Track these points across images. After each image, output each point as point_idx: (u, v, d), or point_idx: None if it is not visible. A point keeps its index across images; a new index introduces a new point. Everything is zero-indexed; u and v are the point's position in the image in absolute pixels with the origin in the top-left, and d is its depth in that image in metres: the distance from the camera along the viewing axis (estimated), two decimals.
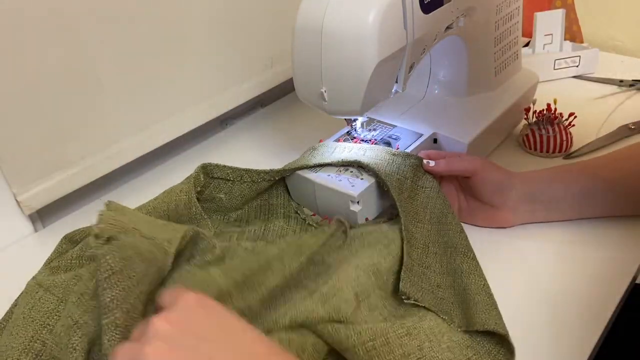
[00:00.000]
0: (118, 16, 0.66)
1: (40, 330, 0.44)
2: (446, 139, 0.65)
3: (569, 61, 0.91)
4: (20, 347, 0.44)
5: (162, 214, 0.56)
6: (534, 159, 0.73)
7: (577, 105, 0.74)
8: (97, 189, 0.75)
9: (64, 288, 0.47)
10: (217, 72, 0.81)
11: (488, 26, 0.70)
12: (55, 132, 0.65)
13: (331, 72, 0.54)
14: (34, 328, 0.45)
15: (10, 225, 0.66)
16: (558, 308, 0.52)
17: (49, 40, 0.60)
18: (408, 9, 0.52)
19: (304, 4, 0.54)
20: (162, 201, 0.57)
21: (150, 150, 0.76)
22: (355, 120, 0.66)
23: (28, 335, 0.44)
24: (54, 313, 0.45)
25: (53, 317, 0.45)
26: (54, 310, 0.46)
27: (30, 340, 0.44)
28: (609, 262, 0.56)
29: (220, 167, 0.61)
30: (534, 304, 0.52)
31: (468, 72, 0.70)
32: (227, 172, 0.60)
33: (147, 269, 0.43)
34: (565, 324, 0.50)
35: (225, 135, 0.87)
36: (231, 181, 0.61)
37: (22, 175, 0.64)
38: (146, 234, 0.46)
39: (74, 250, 0.52)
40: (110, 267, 0.41)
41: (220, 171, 0.60)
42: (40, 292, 0.48)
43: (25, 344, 0.44)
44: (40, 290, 0.48)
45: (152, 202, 0.57)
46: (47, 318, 0.45)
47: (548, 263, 0.57)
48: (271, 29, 0.85)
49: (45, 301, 0.46)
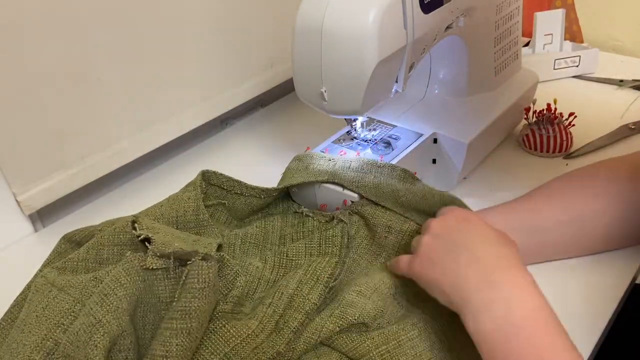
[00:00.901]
0: (118, 16, 0.66)
1: (54, 330, 0.45)
2: (446, 139, 0.65)
3: (569, 61, 0.91)
4: (32, 344, 0.44)
5: (171, 220, 0.56)
6: (533, 159, 0.73)
7: (577, 105, 0.74)
8: (97, 189, 0.75)
9: (81, 289, 0.47)
10: (217, 72, 0.81)
11: (488, 26, 0.70)
12: (55, 132, 0.65)
13: (331, 72, 0.54)
14: (48, 327, 0.45)
15: (10, 225, 0.66)
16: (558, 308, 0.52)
17: (49, 40, 0.60)
18: (408, 9, 0.52)
19: (304, 4, 0.54)
20: (170, 208, 0.57)
21: (150, 150, 0.76)
22: (355, 120, 0.66)
23: (41, 333, 0.45)
24: (69, 313, 0.46)
25: (68, 317, 0.46)
26: (69, 310, 0.46)
27: (43, 339, 0.44)
28: (609, 262, 0.56)
29: (217, 175, 0.61)
30: None
31: (468, 72, 0.70)
32: (222, 181, 0.61)
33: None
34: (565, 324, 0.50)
35: (225, 135, 0.87)
36: (226, 190, 0.61)
37: (22, 175, 0.64)
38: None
39: (79, 252, 0.53)
40: (208, 281, 0.45)
41: (217, 179, 0.61)
42: (54, 291, 0.48)
43: (38, 342, 0.44)
44: (54, 289, 0.48)
45: (159, 208, 0.57)
46: (62, 318, 0.46)
47: (548, 263, 0.57)
48: (271, 29, 0.85)
49: (60, 301, 0.47)
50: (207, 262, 0.46)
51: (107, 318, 0.43)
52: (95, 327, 0.42)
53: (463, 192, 0.68)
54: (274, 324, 0.47)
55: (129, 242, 0.52)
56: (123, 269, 0.46)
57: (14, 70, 0.59)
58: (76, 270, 0.52)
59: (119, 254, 0.52)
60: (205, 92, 0.80)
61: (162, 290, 0.47)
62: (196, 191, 0.58)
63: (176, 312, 0.44)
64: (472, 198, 0.67)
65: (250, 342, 0.46)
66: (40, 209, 0.68)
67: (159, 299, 0.48)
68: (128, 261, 0.47)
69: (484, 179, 0.70)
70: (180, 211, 0.57)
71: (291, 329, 0.47)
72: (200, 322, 0.44)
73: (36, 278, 0.52)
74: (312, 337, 0.47)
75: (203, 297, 0.44)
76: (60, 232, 0.57)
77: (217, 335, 0.46)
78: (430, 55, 0.71)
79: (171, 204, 0.58)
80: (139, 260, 0.47)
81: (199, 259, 0.46)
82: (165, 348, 0.42)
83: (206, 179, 0.61)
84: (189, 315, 0.43)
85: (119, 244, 0.52)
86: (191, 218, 0.57)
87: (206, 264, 0.45)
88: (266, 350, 0.46)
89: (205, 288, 0.45)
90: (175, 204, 0.57)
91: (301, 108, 0.88)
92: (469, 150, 0.64)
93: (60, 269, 0.52)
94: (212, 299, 0.46)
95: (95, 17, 0.63)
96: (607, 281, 0.54)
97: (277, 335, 0.47)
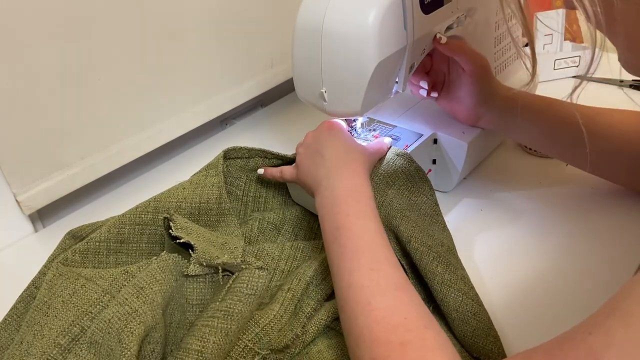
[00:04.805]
0: (118, 16, 0.66)
1: (82, 317, 0.47)
2: (446, 140, 0.65)
3: (569, 61, 0.91)
4: (59, 329, 0.46)
5: (194, 205, 0.58)
6: (533, 160, 0.73)
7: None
8: (97, 189, 0.75)
9: (110, 281, 0.49)
10: (217, 72, 0.81)
11: (488, 26, 0.70)
12: (55, 132, 0.65)
13: (331, 73, 0.54)
14: (75, 314, 0.47)
15: (10, 225, 0.66)
16: (558, 308, 0.52)
17: (49, 40, 0.60)
18: (408, 9, 0.52)
19: (304, 4, 0.54)
20: (193, 192, 0.58)
21: (150, 150, 0.76)
22: (355, 121, 0.66)
23: (68, 319, 0.47)
24: (97, 302, 0.48)
25: (96, 306, 0.48)
26: (97, 300, 0.48)
27: (71, 325, 0.46)
28: (609, 262, 0.56)
29: (236, 150, 0.64)
30: (533, 304, 0.53)
31: None
32: (243, 152, 0.64)
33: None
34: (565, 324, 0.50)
35: (225, 135, 0.87)
36: (248, 159, 0.65)
37: (22, 175, 0.64)
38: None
39: (100, 232, 0.54)
40: (256, 289, 0.48)
41: (236, 153, 0.64)
42: (81, 280, 0.50)
43: (65, 327, 0.46)
44: (81, 279, 0.50)
45: (181, 191, 0.58)
46: (90, 306, 0.47)
47: (548, 263, 0.57)
48: (271, 29, 0.85)
49: (88, 290, 0.49)
50: (261, 270, 0.49)
51: (144, 309, 0.45)
52: (132, 316, 0.44)
53: (463, 192, 0.68)
54: (293, 307, 0.50)
55: (151, 222, 0.55)
56: (158, 267, 0.48)
57: (14, 70, 0.59)
58: (98, 251, 0.54)
59: (140, 233, 0.55)
60: (206, 92, 0.80)
61: (190, 292, 0.50)
62: (219, 177, 0.60)
63: (218, 312, 0.45)
64: (471, 198, 0.67)
65: (277, 323, 0.48)
66: (40, 209, 0.68)
67: (187, 300, 0.50)
68: (163, 259, 0.49)
69: (484, 179, 0.70)
70: (204, 197, 0.58)
71: (305, 314, 0.49)
72: (238, 325, 0.46)
73: (50, 264, 0.54)
74: (322, 319, 0.49)
75: (248, 302, 0.47)
76: (60, 232, 0.57)
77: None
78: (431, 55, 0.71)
79: (194, 187, 0.59)
80: (173, 260, 0.50)
81: (254, 267, 0.49)
82: (202, 344, 0.43)
83: (227, 157, 0.63)
84: (230, 316, 0.45)
85: (140, 224, 0.55)
86: (213, 206, 0.59)
87: (259, 272, 0.49)
88: (287, 333, 0.47)
89: (252, 295, 0.47)
90: (199, 190, 0.59)
91: (301, 108, 0.88)
92: (469, 151, 0.64)
93: (82, 251, 0.53)
94: (254, 306, 0.48)
95: (96, 17, 0.63)
96: (607, 281, 0.54)
97: (294, 318, 0.49)
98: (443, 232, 0.57)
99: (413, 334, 0.38)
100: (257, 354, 0.46)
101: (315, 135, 0.58)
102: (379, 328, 0.39)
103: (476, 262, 0.58)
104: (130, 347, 0.41)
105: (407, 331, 0.38)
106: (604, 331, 0.31)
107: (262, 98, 0.92)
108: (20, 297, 0.53)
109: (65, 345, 0.45)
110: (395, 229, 0.54)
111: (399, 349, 0.37)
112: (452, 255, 0.54)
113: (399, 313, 0.40)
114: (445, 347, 0.38)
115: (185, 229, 0.52)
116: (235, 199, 0.64)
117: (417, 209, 0.57)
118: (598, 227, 0.61)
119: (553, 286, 0.54)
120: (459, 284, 0.50)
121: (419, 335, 0.38)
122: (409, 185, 0.58)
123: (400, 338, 0.38)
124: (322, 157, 0.55)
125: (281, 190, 0.67)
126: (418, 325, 0.39)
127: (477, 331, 0.48)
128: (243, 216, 0.64)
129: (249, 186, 0.65)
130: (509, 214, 0.64)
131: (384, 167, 0.58)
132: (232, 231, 0.58)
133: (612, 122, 0.59)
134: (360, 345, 0.40)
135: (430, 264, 0.51)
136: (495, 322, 0.49)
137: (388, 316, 0.40)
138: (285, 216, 0.63)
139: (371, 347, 0.39)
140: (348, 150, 0.55)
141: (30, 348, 0.46)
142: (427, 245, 0.52)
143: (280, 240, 0.61)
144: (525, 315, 0.51)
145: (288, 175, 0.60)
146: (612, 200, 0.64)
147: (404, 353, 0.37)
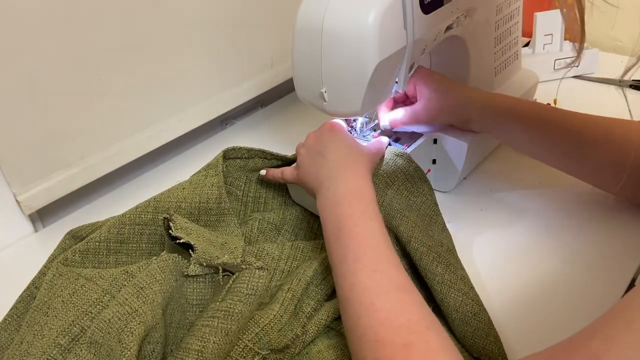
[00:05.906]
0: (118, 16, 0.66)
1: (82, 317, 0.47)
2: (446, 140, 0.65)
3: (569, 61, 0.91)
4: (59, 329, 0.46)
5: (194, 205, 0.58)
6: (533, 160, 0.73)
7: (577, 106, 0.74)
8: (97, 189, 0.75)
9: (110, 281, 0.49)
10: (217, 72, 0.81)
11: (488, 26, 0.70)
12: (55, 132, 0.65)
13: (331, 73, 0.54)
14: (75, 314, 0.47)
15: (10, 225, 0.66)
16: (558, 308, 0.52)
17: (49, 40, 0.60)
18: (408, 9, 0.52)
19: (304, 4, 0.54)
20: (192, 192, 0.58)
21: (150, 150, 0.76)
22: (355, 121, 0.66)
23: (68, 319, 0.47)
24: (97, 302, 0.48)
25: (96, 306, 0.47)
26: (97, 300, 0.48)
27: (71, 325, 0.46)
28: (609, 262, 0.56)
29: (236, 150, 0.64)
30: (533, 304, 0.53)
31: (468, 72, 0.70)
32: (242, 152, 0.64)
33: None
34: (565, 324, 0.50)
35: (225, 135, 0.87)
36: (247, 159, 0.65)
37: (22, 175, 0.64)
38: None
39: (100, 232, 0.54)
40: (256, 289, 0.48)
41: (235, 153, 0.64)
42: (81, 280, 0.50)
43: (64, 327, 0.46)
44: (81, 279, 0.50)
45: (181, 191, 0.58)
46: (90, 306, 0.47)
47: (548, 263, 0.57)
48: (271, 29, 0.85)
49: (88, 290, 0.49)
50: (261, 271, 0.49)
51: (144, 309, 0.45)
52: (131, 316, 0.44)
53: (463, 192, 0.68)
54: (293, 307, 0.50)
55: (151, 222, 0.55)
56: (158, 267, 0.48)
57: (14, 70, 0.59)
58: (98, 251, 0.54)
59: (140, 233, 0.55)
60: (205, 92, 0.80)
61: (190, 292, 0.50)
62: (219, 177, 0.60)
63: (219, 312, 0.46)
64: (471, 198, 0.67)
65: (277, 323, 0.48)
66: (40, 209, 0.68)
67: (187, 300, 0.50)
68: (163, 260, 0.49)
69: (484, 179, 0.70)
70: (204, 197, 0.58)
71: (305, 314, 0.49)
72: (238, 325, 0.46)
73: (50, 264, 0.54)
74: (322, 319, 0.49)
75: (248, 302, 0.47)
76: (60, 232, 0.58)
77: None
78: (430, 55, 0.71)
79: (194, 187, 0.59)
80: (173, 260, 0.49)
81: (254, 267, 0.49)
82: (202, 343, 0.43)
83: (226, 157, 0.63)
84: (230, 316, 0.45)
85: (140, 224, 0.55)
86: (213, 206, 0.59)
87: (259, 272, 0.49)
88: (287, 333, 0.47)
89: (252, 295, 0.48)
90: (199, 190, 0.59)
91: (301, 108, 0.88)
92: (469, 151, 0.64)
93: (82, 251, 0.53)
94: (254, 306, 0.48)
95: (96, 17, 0.63)
96: (607, 281, 0.54)
97: (294, 318, 0.49)
98: (442, 232, 0.57)
99: (417, 335, 0.38)
100: (257, 354, 0.46)
101: (317, 136, 0.58)
102: (382, 329, 0.39)
103: (476, 262, 0.58)
104: (130, 347, 0.41)
105: (410, 333, 0.38)
106: (606, 336, 0.31)
107: (262, 98, 0.92)
108: (20, 297, 0.53)
109: (65, 345, 0.45)
110: (395, 229, 0.54)
111: (403, 350, 0.37)
112: (451, 255, 0.54)
113: (402, 314, 0.40)
114: (449, 349, 0.38)
115: (185, 229, 0.52)
116: (235, 199, 0.64)
117: (417, 209, 0.58)
118: (598, 227, 0.61)
119: (553, 286, 0.54)
120: (459, 284, 0.50)
121: (423, 337, 0.38)
122: (408, 185, 0.58)
123: (404, 339, 0.38)
124: (324, 158, 0.55)
125: (281, 190, 0.67)
126: (421, 326, 0.39)
127: (477, 331, 0.48)
128: (243, 216, 0.64)
129: (249, 186, 0.65)
130: (509, 214, 0.64)
131: (383, 168, 0.58)
132: (232, 231, 0.58)
133: (625, 132, 0.59)
134: (364, 346, 0.40)
135: (430, 264, 0.51)
136: (495, 322, 0.49)
137: (391, 317, 0.40)
138: (285, 216, 0.63)
139: (375, 348, 0.39)
140: (350, 151, 0.55)
141: (30, 348, 0.46)
142: (427, 246, 0.52)
143: (280, 241, 0.61)
144: (525, 316, 0.51)
145: (289, 176, 0.60)
146: (612, 200, 0.64)
147: (409, 354, 0.37)
